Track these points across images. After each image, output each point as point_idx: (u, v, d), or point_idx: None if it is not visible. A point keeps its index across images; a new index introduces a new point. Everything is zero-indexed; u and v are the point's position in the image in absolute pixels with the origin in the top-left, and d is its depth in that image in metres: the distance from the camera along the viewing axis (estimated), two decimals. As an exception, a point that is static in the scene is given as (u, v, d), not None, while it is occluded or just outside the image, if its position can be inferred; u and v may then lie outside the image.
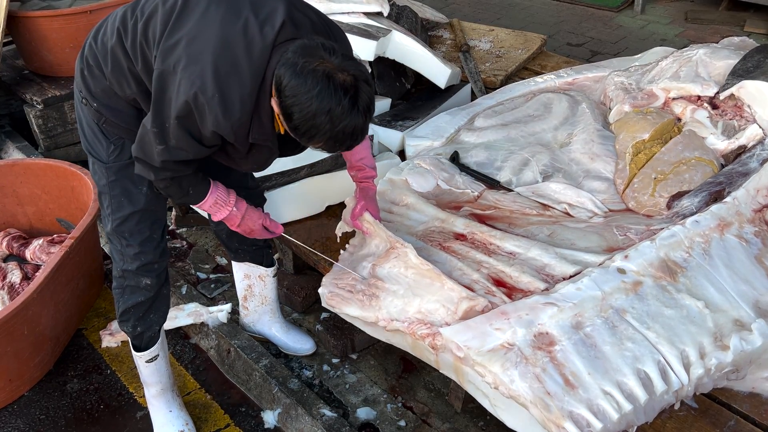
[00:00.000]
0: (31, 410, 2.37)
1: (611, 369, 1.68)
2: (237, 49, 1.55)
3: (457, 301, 1.83)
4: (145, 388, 2.22)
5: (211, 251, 3.13)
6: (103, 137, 1.87)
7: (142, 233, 1.95)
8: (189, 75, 1.55)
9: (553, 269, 1.97)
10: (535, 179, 2.42)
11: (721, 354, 1.72)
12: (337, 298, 1.99)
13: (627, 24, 5.35)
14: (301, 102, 1.49)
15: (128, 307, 2.02)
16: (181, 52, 1.57)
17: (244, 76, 1.55)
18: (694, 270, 1.91)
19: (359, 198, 2.08)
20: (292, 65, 1.50)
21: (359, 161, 2.06)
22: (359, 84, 1.52)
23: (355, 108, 1.51)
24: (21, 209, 3.02)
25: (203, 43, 1.57)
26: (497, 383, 1.67)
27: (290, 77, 1.50)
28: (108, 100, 1.81)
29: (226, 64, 1.55)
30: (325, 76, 1.48)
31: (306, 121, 1.51)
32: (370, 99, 1.55)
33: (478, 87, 3.36)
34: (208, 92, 1.54)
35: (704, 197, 2.13)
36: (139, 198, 1.91)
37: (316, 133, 1.52)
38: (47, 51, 3.77)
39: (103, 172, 1.90)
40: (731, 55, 2.54)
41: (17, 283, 2.63)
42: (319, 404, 2.22)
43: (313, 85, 1.48)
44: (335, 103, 1.48)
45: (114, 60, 1.75)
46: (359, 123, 1.54)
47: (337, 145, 1.58)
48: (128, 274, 1.99)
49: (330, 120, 1.49)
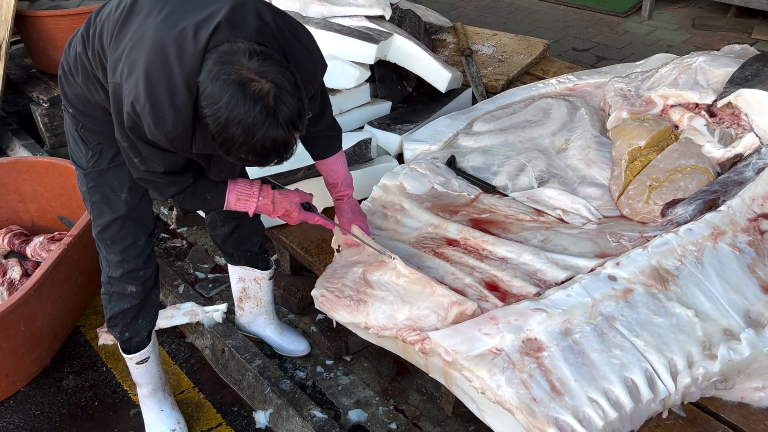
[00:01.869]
0: (26, 406, 2.39)
1: (598, 376, 1.68)
2: (169, 54, 1.46)
3: (447, 306, 1.84)
4: (137, 388, 2.23)
5: (210, 251, 3.15)
6: (83, 143, 1.85)
7: (125, 240, 1.92)
8: (128, 85, 1.49)
9: (544, 274, 1.97)
10: (530, 185, 2.42)
11: (709, 363, 1.71)
12: (329, 302, 2.00)
13: (634, 30, 5.33)
14: (213, 112, 1.40)
15: (115, 313, 2.02)
16: (123, 62, 1.51)
17: (176, 82, 1.46)
18: (686, 278, 1.90)
19: (338, 214, 2.09)
20: (207, 72, 1.42)
21: (335, 179, 2.04)
22: (280, 93, 1.40)
23: (271, 118, 1.40)
24: (23, 206, 3.06)
25: (139, 51, 1.49)
26: (484, 388, 1.68)
27: (205, 85, 1.41)
28: (83, 107, 1.79)
29: (157, 71, 1.46)
30: (236, 84, 1.38)
31: (220, 132, 1.42)
32: (290, 110, 1.42)
33: (479, 91, 3.36)
34: (141, 101, 1.47)
35: (699, 205, 2.12)
36: (119, 205, 1.88)
37: (231, 145, 1.43)
38: (54, 50, 3.82)
39: (83, 179, 1.89)
40: (730, 63, 2.53)
41: (17, 279, 2.66)
42: (311, 405, 2.23)
43: (222, 93, 1.38)
44: (245, 113, 1.38)
45: (82, 67, 1.72)
46: (279, 135, 1.42)
47: (261, 159, 1.47)
48: (113, 280, 1.97)
49: (243, 131, 1.39)
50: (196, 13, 1.51)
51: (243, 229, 2.27)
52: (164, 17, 1.52)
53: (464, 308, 1.82)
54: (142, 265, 1.97)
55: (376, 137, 2.84)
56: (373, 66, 3.04)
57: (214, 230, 2.30)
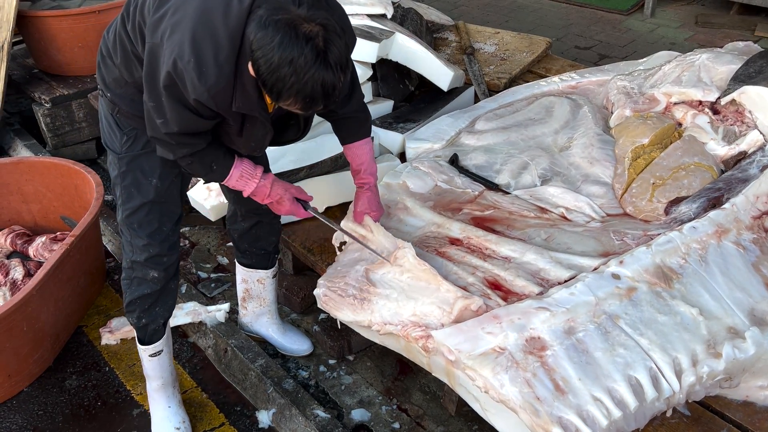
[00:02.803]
0: (29, 406, 2.39)
1: (602, 375, 1.67)
2: (215, 13, 1.52)
3: (452, 301, 1.83)
4: (147, 381, 2.25)
5: (212, 251, 3.15)
6: (117, 128, 1.90)
7: (151, 225, 1.96)
8: (170, 44, 1.55)
9: (547, 274, 1.96)
10: (533, 183, 2.42)
11: (714, 362, 1.70)
12: (332, 301, 1.99)
13: (636, 27, 5.32)
14: (265, 54, 1.45)
15: (134, 298, 2.04)
16: (166, 24, 1.57)
17: (221, 39, 1.52)
18: (690, 277, 1.90)
19: (356, 201, 2.12)
20: (258, 19, 1.47)
21: (359, 165, 2.07)
22: (328, 35, 1.46)
23: (321, 59, 1.45)
24: (26, 207, 3.06)
25: (184, 11, 1.55)
26: (487, 387, 1.67)
27: (256, 31, 1.46)
28: (120, 90, 1.85)
29: (203, 29, 1.52)
30: (287, 26, 1.43)
31: (271, 73, 1.46)
32: (340, 52, 1.48)
33: (481, 90, 3.35)
34: (185, 58, 1.52)
35: (702, 203, 2.11)
36: (149, 189, 1.91)
37: (282, 87, 1.46)
38: (56, 50, 3.82)
39: (115, 163, 1.94)
40: (734, 60, 2.52)
41: (19, 279, 2.65)
42: (313, 405, 2.22)
43: (274, 34, 1.43)
44: (297, 52, 1.43)
45: (121, 46, 1.77)
46: (328, 77, 1.47)
47: (309, 102, 1.51)
48: (136, 265, 2.00)
49: (294, 71, 1.43)
50: None
51: (263, 226, 2.28)
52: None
53: (469, 302, 1.82)
54: (166, 251, 2.00)
55: (378, 136, 2.84)
56: (374, 65, 3.03)
57: (233, 224, 2.31)
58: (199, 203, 2.60)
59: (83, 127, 3.90)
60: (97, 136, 3.98)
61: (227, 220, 2.35)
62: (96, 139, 3.99)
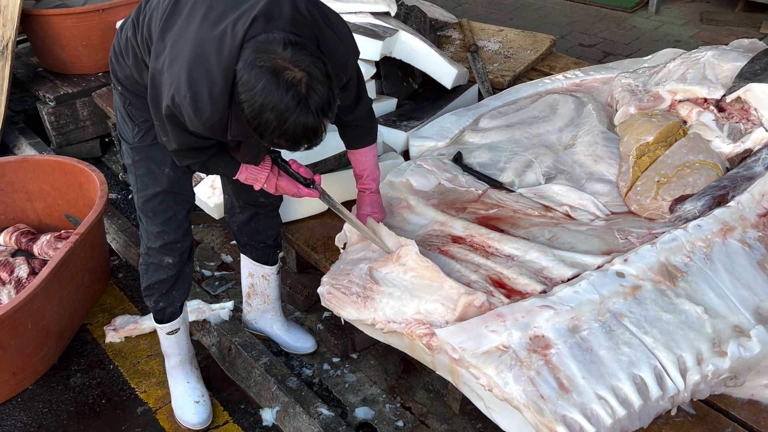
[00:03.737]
0: (34, 403, 2.40)
1: (606, 373, 1.67)
2: (209, 48, 1.55)
3: (456, 298, 1.83)
4: (165, 360, 2.31)
5: (216, 249, 3.15)
6: (130, 120, 1.96)
7: (166, 213, 2.02)
8: (169, 76, 1.59)
9: (551, 272, 1.96)
10: (537, 181, 2.41)
11: (719, 360, 1.69)
12: (335, 299, 1.99)
13: (641, 25, 5.30)
14: (249, 99, 1.49)
15: (151, 283, 2.12)
16: (167, 53, 1.61)
17: (214, 74, 1.55)
18: (695, 275, 1.89)
19: (359, 204, 2.15)
20: (244, 60, 1.50)
21: (361, 171, 2.10)
22: (311, 81, 1.48)
23: (302, 105, 1.48)
24: (30, 205, 3.07)
25: (182, 44, 1.59)
26: (491, 386, 1.67)
27: (242, 73, 1.50)
28: (131, 86, 1.90)
29: (198, 64, 1.56)
30: (270, 72, 1.46)
31: (254, 117, 1.50)
32: (322, 98, 1.50)
33: (485, 88, 3.35)
34: (181, 93, 1.57)
35: (707, 201, 2.10)
36: (162, 178, 1.97)
37: (265, 129, 1.51)
38: (60, 49, 3.82)
39: (129, 153, 2.00)
40: (739, 57, 2.51)
41: (24, 277, 2.66)
42: (317, 403, 2.22)
43: (258, 80, 1.47)
44: (278, 99, 1.46)
45: (132, 51, 1.82)
46: (309, 122, 1.50)
47: (292, 144, 1.56)
48: (152, 251, 2.07)
49: (276, 116, 1.47)
50: (236, 7, 1.58)
51: (261, 218, 2.30)
52: (205, 13, 1.60)
53: (473, 298, 1.81)
54: (180, 237, 2.07)
55: (381, 134, 2.83)
56: (378, 63, 3.03)
57: (231, 216, 2.34)
58: (203, 201, 2.60)
59: (87, 125, 3.91)
60: (101, 135, 3.99)
61: (226, 212, 2.39)
62: (100, 137, 4.00)
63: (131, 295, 2.87)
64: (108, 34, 3.72)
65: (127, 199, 3.60)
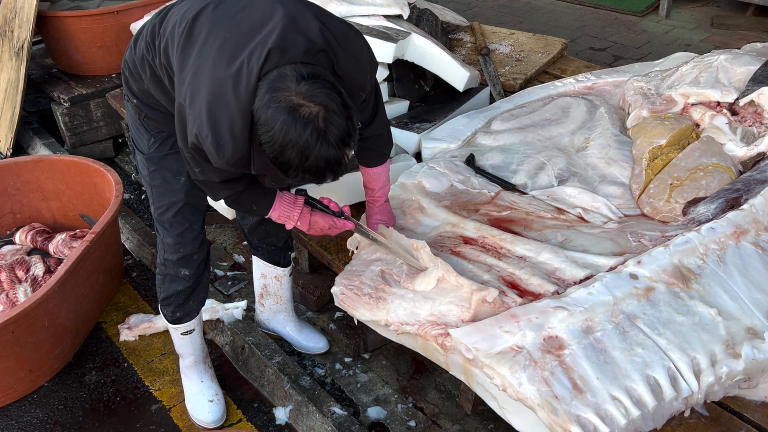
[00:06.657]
0: (50, 400, 2.42)
1: (620, 374, 1.67)
2: (226, 85, 1.53)
3: (468, 295, 1.84)
4: (180, 359, 2.33)
5: (229, 249, 3.18)
6: (144, 130, 1.95)
7: (182, 224, 2.02)
8: (192, 113, 1.58)
9: (563, 273, 1.97)
10: (550, 183, 2.42)
11: (733, 362, 1.70)
12: (349, 300, 2.01)
13: (651, 29, 5.30)
14: (269, 138, 1.47)
15: (169, 294, 2.13)
16: (187, 88, 1.60)
17: (233, 113, 1.53)
18: (708, 277, 1.89)
19: (368, 213, 2.16)
20: (260, 100, 1.48)
21: (372, 185, 2.10)
22: (328, 115, 1.46)
23: (322, 140, 1.46)
24: (45, 204, 3.10)
25: (200, 79, 1.57)
26: (505, 386, 1.68)
27: (259, 112, 1.48)
28: (147, 99, 1.89)
29: (217, 103, 1.54)
30: (287, 110, 1.44)
31: (276, 156, 1.49)
32: (341, 129, 1.48)
33: (497, 90, 3.36)
34: (203, 131, 1.56)
35: (721, 204, 2.11)
36: (177, 189, 1.97)
37: (288, 167, 1.50)
38: (75, 50, 3.86)
39: (144, 163, 1.98)
40: (752, 61, 2.51)
41: (40, 276, 2.69)
42: (330, 402, 2.24)
43: (275, 119, 1.45)
44: (297, 136, 1.44)
45: (150, 70, 1.79)
46: (332, 154, 1.48)
47: (317, 178, 1.54)
48: (169, 263, 2.07)
49: (297, 154, 1.46)
50: (250, 38, 1.55)
51: (271, 221, 2.29)
52: (220, 46, 1.57)
53: (485, 294, 1.82)
54: (196, 249, 2.07)
55: (394, 136, 2.84)
56: (390, 65, 3.04)
57: (243, 219, 2.36)
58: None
59: (101, 126, 3.95)
60: (114, 135, 4.02)
61: (237, 214, 2.40)
62: (113, 138, 4.03)
63: (145, 294, 2.90)
64: (122, 35, 3.76)
65: (140, 199, 3.63)
